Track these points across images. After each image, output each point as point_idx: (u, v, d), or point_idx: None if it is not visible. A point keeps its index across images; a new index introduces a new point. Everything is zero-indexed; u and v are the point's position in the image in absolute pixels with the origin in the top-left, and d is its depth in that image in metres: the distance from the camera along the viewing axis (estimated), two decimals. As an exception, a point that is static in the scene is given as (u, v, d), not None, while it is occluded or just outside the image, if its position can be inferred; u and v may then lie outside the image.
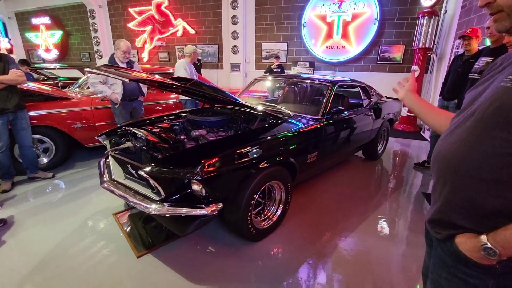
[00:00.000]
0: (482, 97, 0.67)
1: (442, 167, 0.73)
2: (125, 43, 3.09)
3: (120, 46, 3.08)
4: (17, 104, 2.65)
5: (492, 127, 0.61)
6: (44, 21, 10.54)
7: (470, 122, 0.67)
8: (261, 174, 1.83)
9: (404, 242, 2.13)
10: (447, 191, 0.71)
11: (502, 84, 0.62)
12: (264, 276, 1.72)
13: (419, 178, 3.35)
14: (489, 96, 0.64)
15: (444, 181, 0.72)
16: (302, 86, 3.36)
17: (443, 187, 0.72)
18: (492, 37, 2.46)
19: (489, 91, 0.65)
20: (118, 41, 3.12)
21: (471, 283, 0.68)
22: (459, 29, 4.78)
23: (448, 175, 0.71)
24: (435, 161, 0.77)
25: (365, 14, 6.12)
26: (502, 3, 0.63)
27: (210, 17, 7.99)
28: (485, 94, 0.66)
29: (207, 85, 2.21)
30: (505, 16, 0.64)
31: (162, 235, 2.06)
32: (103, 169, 2.17)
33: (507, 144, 0.59)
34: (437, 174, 0.75)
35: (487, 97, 0.65)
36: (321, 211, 2.49)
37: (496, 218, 0.63)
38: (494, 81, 0.67)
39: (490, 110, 0.62)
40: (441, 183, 0.73)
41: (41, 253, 1.86)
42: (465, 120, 0.69)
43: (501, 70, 0.68)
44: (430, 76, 5.71)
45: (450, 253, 0.72)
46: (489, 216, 0.64)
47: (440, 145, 0.75)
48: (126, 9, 9.11)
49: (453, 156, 0.69)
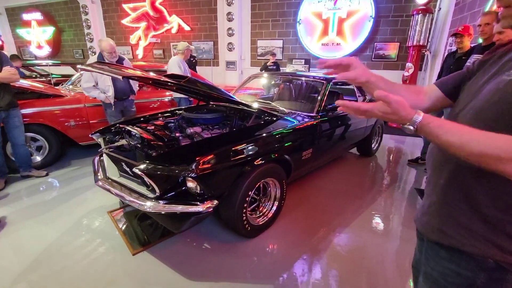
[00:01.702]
0: (480, 91, 0.67)
1: (439, 159, 0.73)
2: (107, 43, 2.92)
3: (103, 47, 2.91)
4: (10, 102, 2.61)
5: (492, 121, 0.61)
6: (35, 17, 10.33)
7: (469, 115, 0.67)
8: (256, 171, 1.84)
9: (398, 238, 2.16)
10: (443, 182, 0.71)
11: (504, 77, 0.62)
12: (259, 272, 1.74)
13: (412, 174, 3.40)
14: (488, 89, 0.64)
15: (440, 172, 0.73)
16: (297, 83, 3.37)
17: (439, 178, 0.73)
18: (483, 35, 2.49)
19: (489, 85, 0.65)
20: (100, 42, 2.93)
21: (464, 274, 0.69)
22: (452, 26, 4.82)
23: (445, 166, 0.71)
24: (431, 153, 0.77)
25: (360, 11, 6.13)
26: None
27: (205, 14, 7.93)
28: (484, 87, 0.66)
29: (202, 82, 2.21)
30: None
31: (157, 233, 2.06)
32: (97, 167, 2.16)
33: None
34: (433, 166, 0.76)
35: (487, 90, 0.65)
36: (316, 208, 2.52)
37: (490, 211, 0.64)
38: (493, 74, 0.66)
39: (489, 103, 0.62)
40: (437, 175, 0.74)
41: (35, 252, 1.85)
42: (465, 113, 0.68)
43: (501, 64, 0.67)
44: (424, 73, 5.76)
45: (442, 244, 0.73)
46: (482, 209, 0.65)
47: None
48: (119, 5, 8.98)
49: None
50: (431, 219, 0.76)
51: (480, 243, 0.66)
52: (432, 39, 5.54)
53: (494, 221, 0.64)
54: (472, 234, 0.67)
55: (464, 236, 0.68)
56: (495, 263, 0.64)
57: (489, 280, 0.66)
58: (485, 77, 0.70)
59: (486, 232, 0.65)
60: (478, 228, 0.66)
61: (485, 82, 0.68)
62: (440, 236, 0.73)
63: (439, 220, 0.73)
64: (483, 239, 0.65)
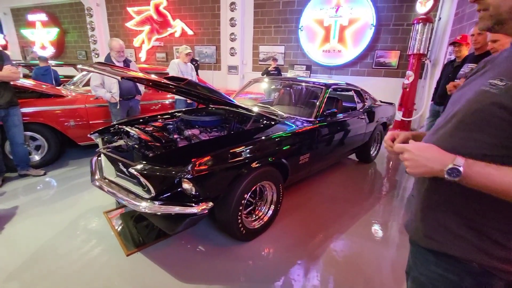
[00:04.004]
0: (463, 99, 0.69)
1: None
2: (117, 42, 3.06)
3: (113, 46, 3.05)
4: (10, 100, 2.62)
5: (471, 129, 0.63)
6: (40, 18, 10.46)
7: (451, 123, 0.69)
8: (252, 174, 1.84)
9: (395, 244, 2.15)
10: (426, 188, 0.73)
11: (482, 88, 0.64)
12: (254, 276, 1.72)
13: (411, 181, 3.39)
14: (469, 98, 0.66)
15: (423, 180, 0.74)
16: (297, 88, 3.39)
17: (422, 186, 0.74)
18: (476, 44, 2.51)
19: (470, 94, 0.67)
20: (110, 41, 3.07)
21: (450, 279, 0.69)
22: (452, 35, 4.86)
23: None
24: None
25: (362, 20, 6.19)
26: (490, 1, 0.64)
27: (209, 19, 8.02)
28: (466, 96, 0.68)
29: (202, 85, 2.22)
30: (488, 16, 0.66)
31: (152, 234, 2.05)
32: (95, 167, 2.16)
33: (485, 146, 0.61)
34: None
35: (467, 99, 0.67)
36: (313, 213, 2.51)
37: (473, 217, 0.65)
38: (476, 84, 0.68)
39: (469, 112, 0.64)
40: (420, 182, 0.75)
41: (30, 251, 1.84)
42: (447, 122, 0.70)
43: (483, 73, 0.70)
44: (424, 81, 5.79)
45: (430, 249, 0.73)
46: (465, 214, 0.65)
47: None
48: (124, 8, 9.09)
49: None
50: (419, 226, 0.77)
51: (468, 247, 0.66)
52: (432, 48, 5.59)
53: (478, 226, 0.64)
54: (459, 239, 0.67)
55: (451, 241, 0.68)
56: (480, 267, 0.65)
57: (475, 284, 0.66)
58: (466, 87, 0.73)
59: (472, 237, 0.65)
60: (463, 233, 0.66)
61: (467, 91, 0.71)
62: (429, 242, 0.74)
63: (426, 226, 0.74)
64: (470, 244, 0.66)
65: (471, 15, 4.13)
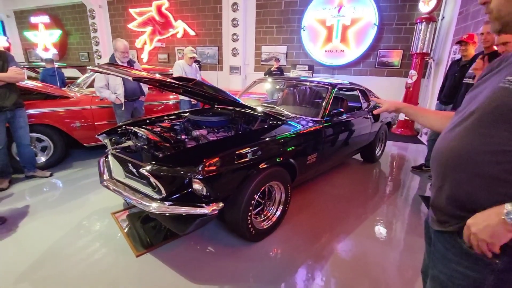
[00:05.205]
0: (481, 97, 0.70)
1: (442, 164, 0.75)
2: (122, 43, 3.05)
3: (117, 47, 3.04)
4: (15, 102, 2.63)
5: (491, 125, 0.64)
6: (43, 20, 10.50)
7: (469, 120, 0.69)
8: (261, 174, 1.84)
9: (401, 245, 2.14)
10: (447, 188, 0.73)
11: (500, 84, 0.65)
12: (263, 276, 1.72)
13: (416, 181, 3.38)
14: (488, 95, 0.67)
15: (443, 178, 0.74)
16: (301, 88, 3.38)
17: (443, 183, 0.74)
18: (485, 42, 2.50)
19: (488, 91, 0.68)
20: (115, 42, 3.07)
21: (471, 276, 0.69)
22: (456, 35, 4.85)
23: (448, 172, 0.73)
24: (435, 158, 0.79)
25: (364, 19, 6.19)
26: (492, 6, 0.67)
27: (211, 19, 8.03)
28: (484, 94, 0.69)
29: (209, 85, 2.22)
30: (493, 18, 0.68)
31: (160, 235, 2.05)
32: (103, 168, 2.16)
33: (504, 142, 0.62)
34: (437, 171, 0.77)
35: (486, 96, 0.68)
36: (320, 213, 2.50)
37: None
38: (493, 82, 0.69)
39: (489, 109, 0.65)
40: (440, 180, 0.75)
41: (38, 252, 1.84)
42: (465, 119, 0.71)
43: (498, 71, 0.71)
44: (427, 81, 5.78)
45: (451, 247, 0.73)
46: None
47: (440, 143, 0.78)
48: (126, 10, 9.11)
49: (453, 153, 0.71)
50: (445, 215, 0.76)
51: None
52: (436, 47, 5.57)
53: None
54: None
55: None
56: (503, 265, 0.65)
57: (497, 281, 0.66)
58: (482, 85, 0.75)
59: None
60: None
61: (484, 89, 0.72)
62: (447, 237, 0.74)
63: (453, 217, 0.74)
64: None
65: (475, 14, 4.12)
